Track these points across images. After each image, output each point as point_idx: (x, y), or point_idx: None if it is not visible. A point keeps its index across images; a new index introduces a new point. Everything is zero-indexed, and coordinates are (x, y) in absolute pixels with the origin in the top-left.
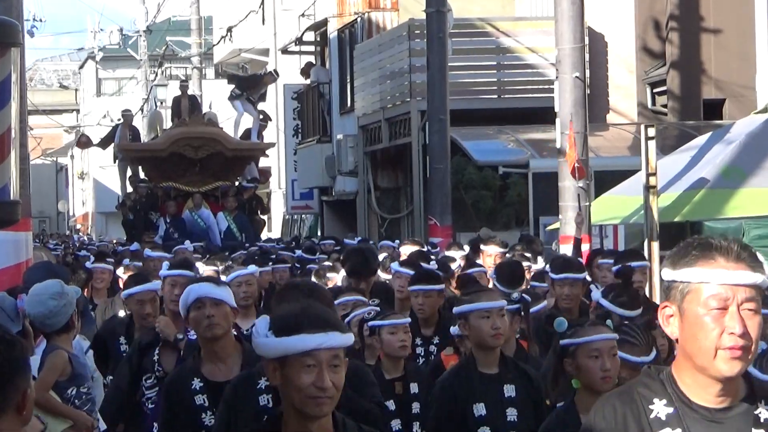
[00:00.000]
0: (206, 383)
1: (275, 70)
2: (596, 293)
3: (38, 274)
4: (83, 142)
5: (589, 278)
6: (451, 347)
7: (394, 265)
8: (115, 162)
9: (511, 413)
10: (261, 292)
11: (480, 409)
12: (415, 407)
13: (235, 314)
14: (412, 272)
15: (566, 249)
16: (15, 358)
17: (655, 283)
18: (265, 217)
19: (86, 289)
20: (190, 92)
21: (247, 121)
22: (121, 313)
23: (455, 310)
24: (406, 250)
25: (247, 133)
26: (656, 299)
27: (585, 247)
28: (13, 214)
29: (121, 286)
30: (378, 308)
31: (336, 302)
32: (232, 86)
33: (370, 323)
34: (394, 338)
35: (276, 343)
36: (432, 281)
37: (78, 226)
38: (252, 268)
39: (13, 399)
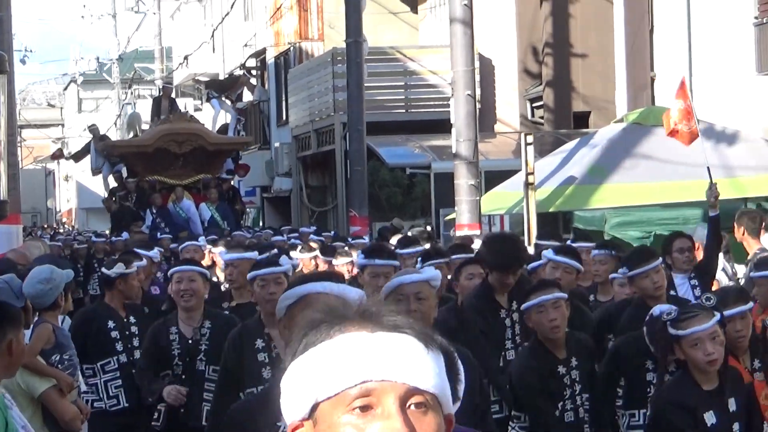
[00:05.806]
0: None
1: (248, 72)
2: None
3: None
4: (57, 155)
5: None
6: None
7: (548, 253)
8: (94, 175)
9: None
10: None
11: None
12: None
13: None
14: (572, 261)
15: (461, 233)
16: (4, 310)
17: None
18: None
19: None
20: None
21: (223, 119)
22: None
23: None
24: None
25: (224, 128)
26: None
27: (477, 232)
28: (1, 211)
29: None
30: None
31: None
32: (209, 90)
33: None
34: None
35: None
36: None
37: (64, 220)
38: None
39: (2, 341)
